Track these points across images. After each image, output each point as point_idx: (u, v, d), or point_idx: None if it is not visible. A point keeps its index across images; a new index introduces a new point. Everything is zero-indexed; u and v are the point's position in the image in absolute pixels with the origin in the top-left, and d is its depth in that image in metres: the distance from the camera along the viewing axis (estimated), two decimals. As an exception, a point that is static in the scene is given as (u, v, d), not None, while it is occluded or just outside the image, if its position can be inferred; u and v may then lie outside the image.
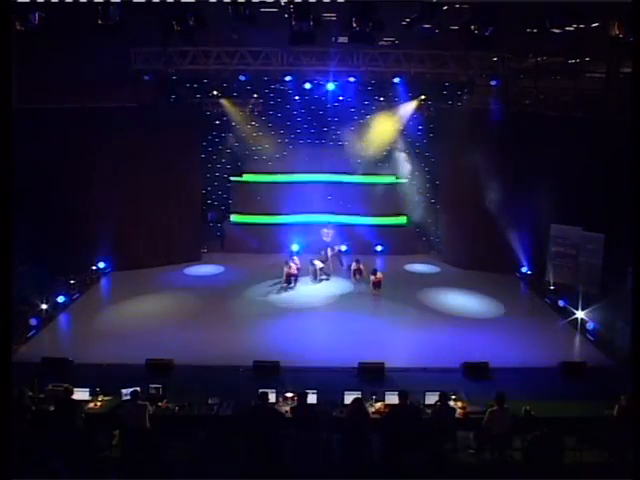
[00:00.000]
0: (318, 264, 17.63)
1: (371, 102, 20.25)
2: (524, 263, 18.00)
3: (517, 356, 12.55)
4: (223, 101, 19.81)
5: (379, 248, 20.59)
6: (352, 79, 18.51)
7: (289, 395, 9.67)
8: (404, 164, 20.99)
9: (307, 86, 19.09)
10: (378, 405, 9.47)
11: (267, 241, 20.52)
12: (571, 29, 11.59)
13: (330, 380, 10.75)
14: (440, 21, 10.72)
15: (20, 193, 8.38)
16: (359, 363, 11.65)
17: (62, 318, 14.73)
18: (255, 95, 19.97)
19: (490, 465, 8.60)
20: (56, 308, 14.76)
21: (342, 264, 18.37)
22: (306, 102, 20.24)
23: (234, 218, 21.23)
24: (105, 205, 17.37)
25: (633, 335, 7.37)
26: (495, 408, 8.67)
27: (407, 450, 8.26)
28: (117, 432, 9.00)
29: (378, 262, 18.91)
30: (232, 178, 21.16)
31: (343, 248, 18.86)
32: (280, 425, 8.43)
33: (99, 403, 9.60)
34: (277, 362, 11.61)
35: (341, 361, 11.96)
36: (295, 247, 19.96)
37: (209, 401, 9.54)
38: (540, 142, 17.03)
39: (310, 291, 16.97)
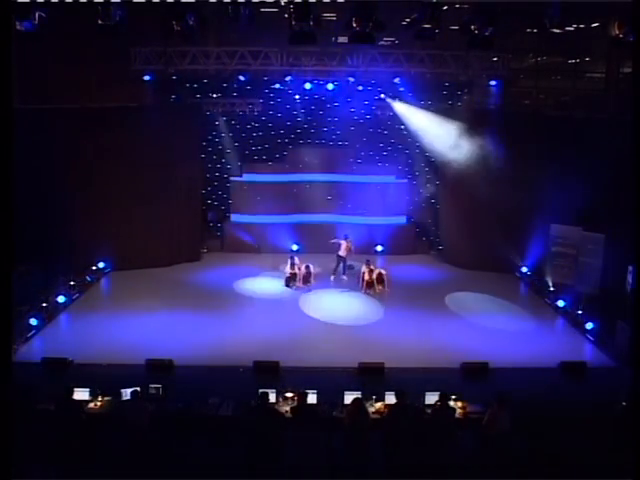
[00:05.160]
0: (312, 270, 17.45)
1: (372, 102, 20.25)
2: (524, 263, 18.01)
3: (517, 356, 12.55)
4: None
5: (379, 248, 20.62)
6: (352, 79, 18.52)
7: (289, 395, 9.66)
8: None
9: (307, 86, 19.08)
10: (378, 405, 9.47)
11: (267, 241, 20.55)
12: (571, 29, 11.60)
13: (330, 380, 10.75)
14: (440, 21, 10.73)
15: (20, 193, 8.39)
16: (359, 363, 11.65)
17: (62, 318, 14.73)
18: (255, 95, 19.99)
19: (490, 465, 8.60)
20: (56, 308, 14.76)
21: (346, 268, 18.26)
22: (306, 102, 20.26)
23: (234, 218, 21.26)
24: (105, 205, 17.38)
25: (633, 335, 7.38)
26: (495, 408, 8.67)
27: (407, 450, 8.26)
28: (117, 432, 9.00)
29: (378, 262, 18.92)
30: (232, 178, 21.18)
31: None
32: (280, 425, 8.42)
33: (99, 403, 9.59)
34: (277, 362, 11.61)
35: (341, 361, 11.96)
36: (295, 247, 20.00)
37: (209, 401, 9.53)
38: (540, 142, 17.03)
39: (310, 291, 16.96)
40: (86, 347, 12.59)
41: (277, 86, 19.77)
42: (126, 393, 9.18)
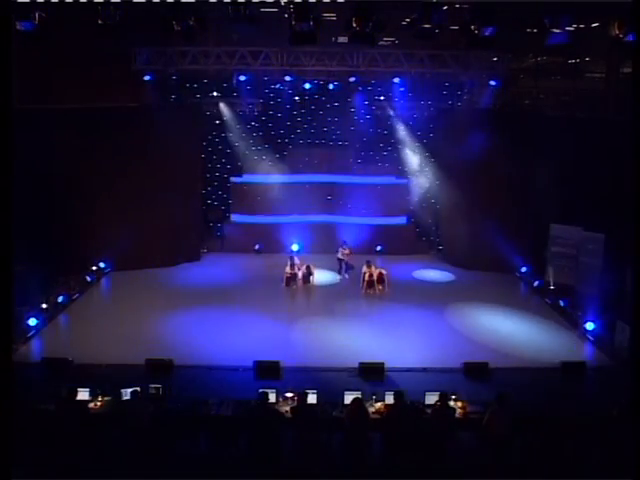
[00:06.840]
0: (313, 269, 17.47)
1: (371, 102, 20.27)
2: (524, 263, 18.01)
3: (517, 356, 12.56)
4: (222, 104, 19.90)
5: (379, 248, 20.61)
6: (352, 79, 18.51)
7: (289, 395, 9.66)
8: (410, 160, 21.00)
9: (307, 86, 19.08)
10: (378, 405, 9.47)
11: (267, 241, 20.55)
12: (571, 29, 11.59)
13: (330, 380, 10.75)
14: (440, 21, 10.73)
15: (20, 193, 8.39)
16: (359, 363, 11.65)
17: (62, 318, 14.72)
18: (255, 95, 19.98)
19: (490, 465, 8.60)
20: (56, 308, 14.75)
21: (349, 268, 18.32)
22: (306, 102, 20.26)
23: (234, 218, 21.25)
24: (105, 205, 17.38)
25: (633, 335, 7.38)
26: (495, 408, 8.67)
27: (407, 450, 8.25)
28: (117, 432, 9.00)
29: (378, 262, 18.91)
30: (232, 178, 21.18)
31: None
32: (280, 425, 8.42)
33: (99, 403, 9.59)
34: (277, 362, 11.61)
35: (341, 361, 11.96)
36: (295, 247, 20.00)
37: (209, 401, 9.53)
38: (540, 142, 17.03)
39: (310, 291, 16.97)
40: (86, 347, 12.58)
41: (277, 86, 19.78)
42: (126, 393, 9.18)
